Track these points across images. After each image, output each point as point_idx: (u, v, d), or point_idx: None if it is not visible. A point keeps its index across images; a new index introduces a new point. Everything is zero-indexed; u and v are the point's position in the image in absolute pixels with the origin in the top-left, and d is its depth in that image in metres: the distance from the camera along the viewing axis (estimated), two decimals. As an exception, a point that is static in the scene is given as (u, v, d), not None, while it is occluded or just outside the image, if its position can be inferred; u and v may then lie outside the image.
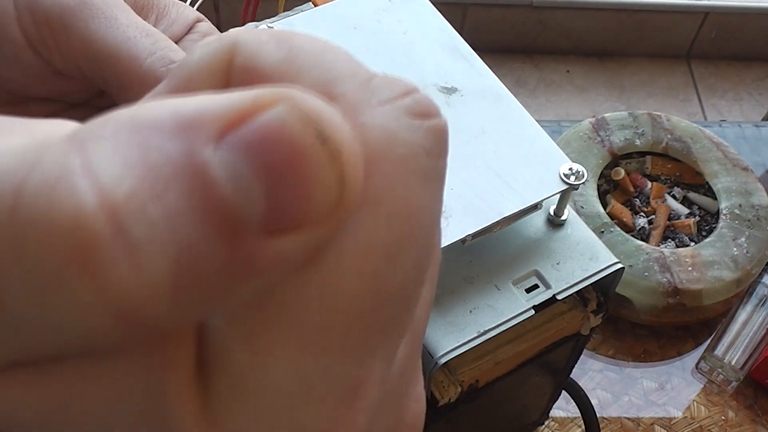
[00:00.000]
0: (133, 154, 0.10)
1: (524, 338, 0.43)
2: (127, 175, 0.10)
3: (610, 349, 0.70)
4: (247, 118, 0.11)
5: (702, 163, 0.75)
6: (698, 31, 1.89)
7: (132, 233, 0.10)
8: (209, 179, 0.10)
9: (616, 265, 0.42)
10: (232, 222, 0.10)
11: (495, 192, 0.39)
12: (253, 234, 0.11)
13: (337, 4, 0.44)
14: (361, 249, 0.12)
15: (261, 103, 0.11)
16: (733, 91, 1.90)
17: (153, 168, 0.10)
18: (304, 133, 0.11)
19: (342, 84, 0.13)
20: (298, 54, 0.13)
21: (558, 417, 0.66)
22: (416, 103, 0.13)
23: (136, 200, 0.10)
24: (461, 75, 0.43)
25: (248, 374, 0.12)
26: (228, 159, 0.10)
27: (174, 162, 0.10)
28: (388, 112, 0.13)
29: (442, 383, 0.41)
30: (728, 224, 0.71)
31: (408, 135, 0.13)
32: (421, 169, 0.13)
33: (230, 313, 0.12)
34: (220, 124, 0.11)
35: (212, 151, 0.10)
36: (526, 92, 1.84)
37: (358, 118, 0.12)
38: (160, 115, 0.11)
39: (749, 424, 0.67)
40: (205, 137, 0.11)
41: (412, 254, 0.12)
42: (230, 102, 0.11)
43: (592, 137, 0.76)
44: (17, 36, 0.25)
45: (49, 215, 0.10)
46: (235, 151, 0.10)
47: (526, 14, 1.84)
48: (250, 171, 0.10)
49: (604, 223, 0.70)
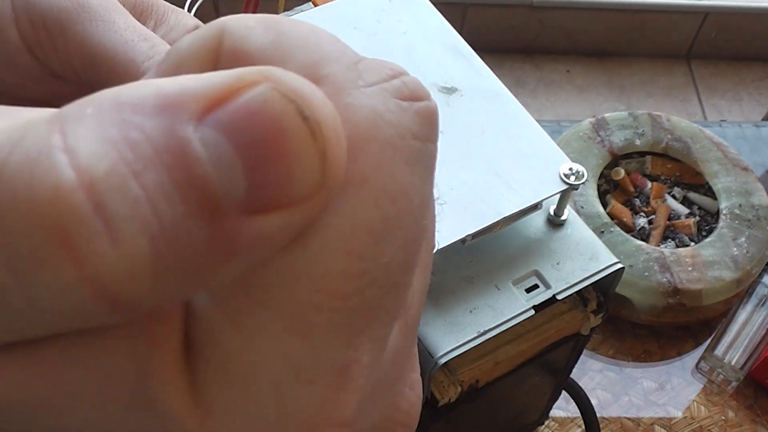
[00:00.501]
0: (113, 132, 0.10)
1: (524, 338, 0.43)
2: (106, 152, 0.10)
3: (610, 349, 0.70)
4: (229, 98, 0.11)
5: (702, 163, 0.75)
6: (698, 31, 1.89)
7: (112, 209, 0.10)
8: (190, 157, 0.10)
9: (616, 265, 0.42)
10: (213, 200, 0.10)
11: (495, 192, 0.39)
12: (234, 213, 0.11)
13: (337, 4, 0.44)
14: (348, 228, 0.12)
15: (243, 82, 0.11)
16: (733, 91, 1.90)
17: (133, 145, 0.10)
18: (285, 111, 0.11)
19: (328, 65, 0.13)
20: (285, 37, 0.13)
21: (558, 417, 0.66)
22: (404, 86, 0.13)
23: (115, 177, 0.10)
24: (461, 75, 0.43)
25: (235, 356, 0.12)
26: (209, 137, 0.10)
27: (154, 140, 0.10)
28: (374, 94, 0.13)
29: (442, 383, 0.41)
30: (728, 224, 0.71)
31: (395, 116, 0.12)
32: (409, 151, 0.13)
33: (217, 293, 0.12)
34: (202, 103, 0.11)
35: (193, 130, 0.10)
36: (526, 92, 1.84)
37: (344, 98, 0.12)
38: (142, 95, 0.11)
39: (749, 424, 0.67)
40: (187, 116, 0.11)
41: (401, 235, 0.12)
42: (212, 81, 0.11)
43: (592, 137, 0.76)
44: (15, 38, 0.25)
45: (29, 191, 0.10)
46: (217, 129, 0.10)
47: (526, 14, 1.84)
48: (231, 149, 0.10)
49: (604, 223, 0.70)
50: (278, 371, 0.12)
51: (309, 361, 0.12)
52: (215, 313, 0.12)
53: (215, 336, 0.12)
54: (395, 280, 0.13)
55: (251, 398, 0.12)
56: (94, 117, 0.10)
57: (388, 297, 0.13)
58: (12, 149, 0.10)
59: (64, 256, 0.10)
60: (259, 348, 0.12)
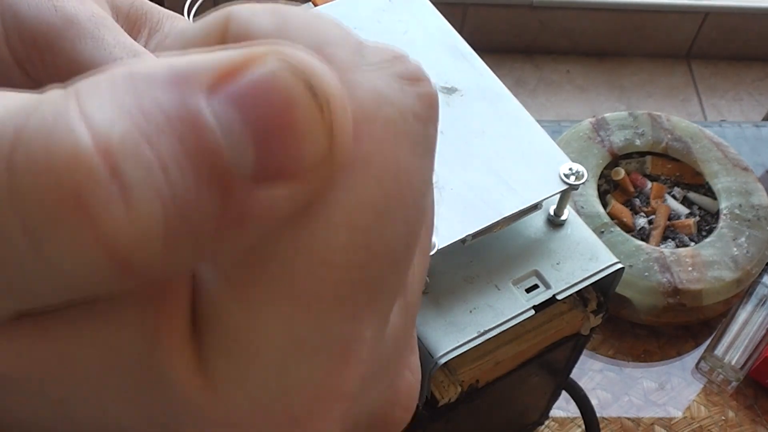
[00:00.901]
0: (127, 101, 0.11)
1: (524, 338, 0.43)
2: (121, 118, 0.10)
3: (610, 349, 0.70)
4: (239, 72, 0.11)
5: (702, 163, 0.75)
6: (698, 31, 1.89)
7: (126, 174, 0.10)
8: (201, 127, 0.11)
9: (616, 265, 0.42)
10: (223, 169, 0.11)
11: (495, 192, 0.39)
12: (243, 182, 0.11)
13: (337, 4, 0.44)
14: (352, 204, 0.12)
15: (252, 57, 0.11)
16: (733, 91, 1.90)
17: (147, 113, 0.11)
18: (294, 84, 0.11)
19: (332, 48, 0.13)
20: (289, 22, 0.13)
21: (558, 417, 0.66)
22: (406, 69, 0.13)
23: (130, 142, 0.10)
24: (461, 75, 0.43)
25: (240, 329, 0.12)
26: (220, 109, 0.11)
27: (167, 109, 0.11)
28: (377, 75, 0.13)
29: (442, 383, 0.41)
30: (728, 224, 0.71)
31: (397, 97, 0.13)
32: (411, 132, 0.13)
33: (223, 267, 0.12)
34: (213, 77, 0.11)
35: (204, 102, 0.11)
36: (526, 92, 1.84)
37: (347, 77, 0.13)
38: (154, 69, 0.11)
39: (749, 424, 0.67)
40: (198, 89, 0.11)
41: (402, 213, 0.13)
42: (222, 57, 0.11)
43: (592, 137, 0.76)
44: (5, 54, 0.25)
45: (46, 155, 0.10)
46: (227, 102, 0.11)
47: (526, 14, 1.84)
48: (240, 121, 0.11)
49: (604, 223, 0.70)
50: (282, 343, 0.12)
51: (312, 334, 0.12)
52: (221, 286, 0.12)
53: (220, 308, 0.12)
54: (397, 257, 0.13)
55: (255, 370, 0.12)
56: (108, 87, 0.11)
57: (390, 273, 0.13)
58: (29, 115, 0.10)
59: (79, 218, 0.10)
60: (264, 320, 0.12)
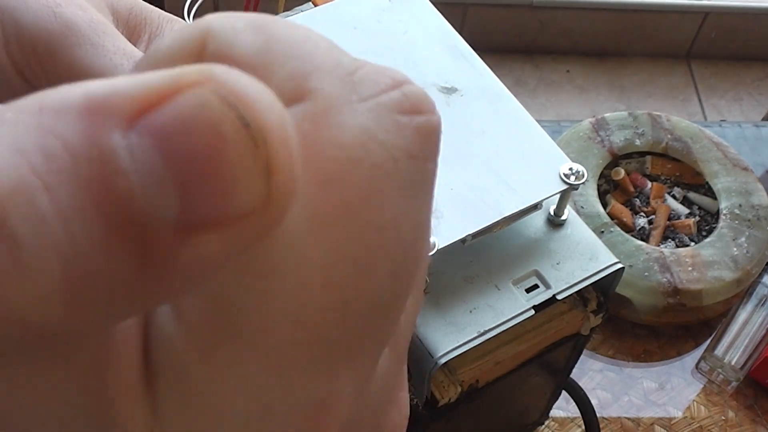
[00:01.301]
0: (28, 140, 0.09)
1: (524, 338, 0.43)
2: (15, 163, 0.09)
3: (610, 349, 0.70)
4: (163, 101, 0.10)
5: (702, 163, 0.75)
6: (698, 31, 1.89)
7: (16, 230, 0.09)
8: (112, 168, 0.09)
9: (616, 265, 0.42)
10: (138, 219, 0.09)
11: (495, 192, 0.39)
12: (164, 233, 0.09)
13: (337, 4, 0.44)
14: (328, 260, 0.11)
15: (181, 83, 0.10)
16: (733, 91, 1.90)
17: (48, 155, 0.09)
18: (224, 118, 0.10)
19: (320, 78, 0.12)
20: (275, 43, 0.12)
21: (558, 417, 0.66)
22: (404, 98, 0.12)
23: (21, 193, 0.09)
24: (461, 75, 0.43)
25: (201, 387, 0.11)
26: (137, 147, 0.09)
27: (73, 148, 0.09)
28: (369, 110, 0.12)
29: (442, 383, 0.41)
30: (728, 224, 0.71)
31: (389, 137, 0.11)
32: (402, 175, 0.12)
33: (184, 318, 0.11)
34: (133, 107, 0.09)
35: (120, 138, 0.09)
36: (526, 92, 1.84)
37: (333, 117, 0.11)
38: (67, 97, 0.10)
39: (749, 424, 0.67)
40: (114, 122, 0.09)
41: (387, 266, 0.11)
42: (147, 82, 0.10)
43: (592, 137, 0.76)
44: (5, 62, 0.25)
45: None
46: (146, 137, 0.09)
47: (526, 14, 1.84)
48: (161, 161, 0.09)
49: (604, 223, 0.70)
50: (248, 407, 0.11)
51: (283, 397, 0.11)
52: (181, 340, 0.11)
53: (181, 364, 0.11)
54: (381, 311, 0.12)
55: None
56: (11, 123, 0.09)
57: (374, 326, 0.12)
58: None
59: None
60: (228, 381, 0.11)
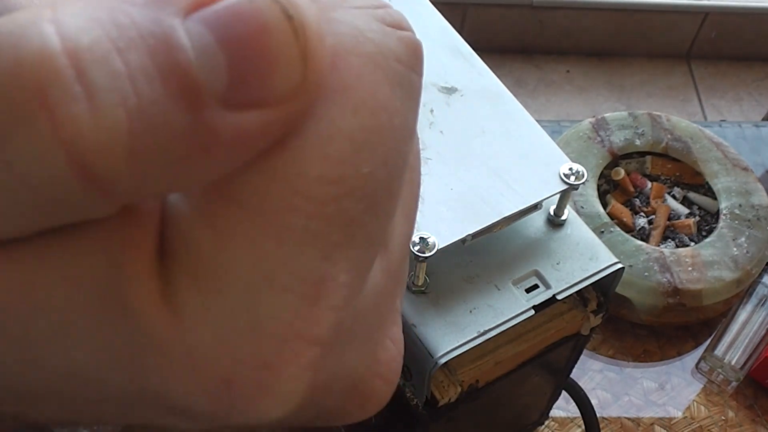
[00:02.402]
0: (102, 13, 0.11)
1: (524, 338, 0.43)
2: (92, 27, 0.10)
3: (610, 349, 0.70)
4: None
5: (702, 163, 0.75)
6: (698, 31, 1.89)
7: (93, 79, 0.10)
8: (173, 44, 0.10)
9: (616, 265, 0.42)
10: (193, 88, 0.10)
11: (495, 192, 0.39)
12: (213, 104, 0.11)
13: (337, 4, 0.44)
14: (326, 133, 0.12)
15: None
16: (733, 91, 1.90)
17: (120, 27, 0.10)
18: (270, 10, 0.11)
19: None
20: None
21: (558, 417, 0.66)
22: (389, 15, 0.13)
23: (99, 50, 0.10)
24: (461, 75, 0.43)
25: (209, 258, 0.12)
26: (194, 31, 0.11)
27: (140, 25, 0.10)
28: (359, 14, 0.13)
29: (442, 383, 0.41)
30: (728, 224, 0.71)
31: (377, 37, 0.13)
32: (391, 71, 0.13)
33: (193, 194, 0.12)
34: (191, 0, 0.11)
35: (179, 22, 0.11)
36: (526, 92, 1.84)
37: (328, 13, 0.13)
38: None
39: (749, 424, 0.67)
40: (175, 10, 0.11)
41: (380, 150, 0.12)
42: None
43: (592, 137, 0.76)
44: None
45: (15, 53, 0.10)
46: (202, 24, 0.11)
47: (526, 14, 1.84)
48: (214, 43, 0.11)
49: (604, 223, 0.70)
50: (251, 276, 0.12)
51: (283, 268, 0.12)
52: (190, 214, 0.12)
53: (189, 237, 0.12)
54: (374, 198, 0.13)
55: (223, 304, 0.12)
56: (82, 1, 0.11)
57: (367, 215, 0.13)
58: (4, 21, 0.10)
59: (42, 116, 0.10)
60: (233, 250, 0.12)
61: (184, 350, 0.12)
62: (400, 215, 0.15)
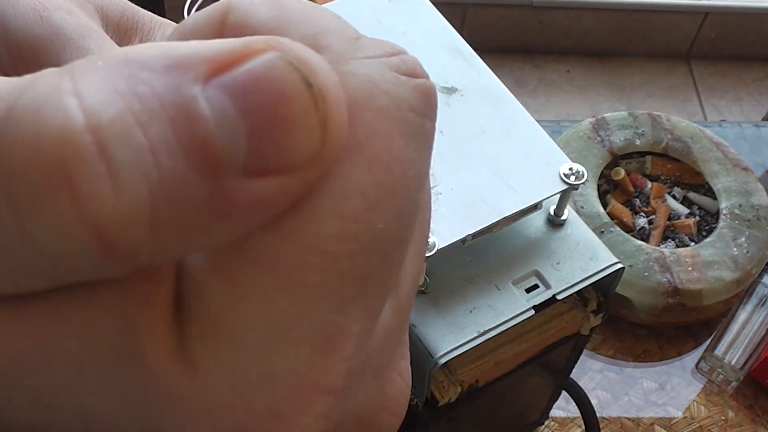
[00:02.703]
0: (122, 83, 0.11)
1: (524, 338, 0.43)
2: (114, 100, 0.10)
3: (610, 349, 0.70)
4: (236, 62, 0.11)
5: (702, 163, 0.75)
6: (698, 31, 1.89)
7: (115, 155, 0.10)
8: (194, 115, 0.11)
9: (616, 265, 0.42)
10: (214, 158, 0.11)
11: (495, 192, 0.39)
12: (233, 173, 0.11)
13: (337, 4, 0.44)
14: (341, 191, 0.12)
15: (250, 49, 0.11)
16: (733, 91, 1.90)
17: (141, 97, 0.10)
18: (290, 77, 0.11)
19: (329, 37, 0.13)
20: (287, 12, 0.13)
21: (558, 417, 0.66)
22: (402, 62, 0.13)
23: (121, 124, 0.10)
24: (461, 75, 0.43)
25: (223, 312, 0.12)
26: (215, 98, 0.11)
27: (161, 95, 0.11)
28: (372, 65, 0.13)
29: (442, 383, 0.41)
30: (728, 224, 0.71)
31: (391, 87, 0.13)
32: (405, 122, 0.13)
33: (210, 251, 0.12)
34: (210, 66, 0.11)
35: (199, 90, 0.11)
36: (526, 92, 1.84)
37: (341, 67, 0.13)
38: (151, 54, 0.11)
39: (749, 424, 0.67)
40: (194, 76, 0.11)
41: (394, 204, 0.13)
42: (221, 46, 0.11)
43: (592, 137, 0.76)
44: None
45: (35, 129, 0.10)
46: (222, 91, 0.11)
47: (526, 14, 1.84)
48: (235, 111, 0.11)
49: (604, 223, 0.70)
50: (265, 330, 0.12)
51: (297, 322, 0.12)
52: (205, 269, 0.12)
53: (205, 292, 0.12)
54: (388, 250, 0.13)
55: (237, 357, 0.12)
56: (103, 69, 0.11)
57: (380, 267, 0.13)
58: (22, 92, 0.10)
59: (65, 195, 0.10)
60: (248, 305, 0.12)
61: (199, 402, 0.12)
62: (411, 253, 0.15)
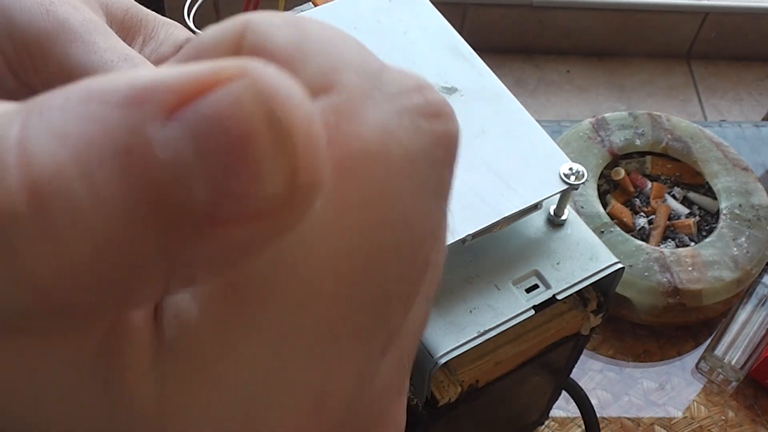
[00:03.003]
0: (74, 126, 0.10)
1: (524, 338, 0.43)
2: (60, 150, 0.10)
3: (610, 349, 0.70)
4: (201, 94, 0.10)
5: (702, 163, 0.75)
6: (698, 31, 1.89)
7: (52, 215, 0.10)
8: (148, 160, 0.10)
9: (616, 265, 0.42)
10: (169, 211, 0.10)
11: (495, 192, 0.39)
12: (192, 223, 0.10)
13: (337, 4, 0.44)
14: (340, 252, 0.11)
15: (219, 77, 0.10)
16: (733, 91, 1.90)
17: (90, 142, 0.10)
18: (254, 115, 0.10)
19: (347, 72, 0.12)
20: (307, 38, 0.12)
21: (558, 417, 0.66)
22: (426, 103, 0.12)
23: (62, 179, 0.10)
24: (461, 75, 0.43)
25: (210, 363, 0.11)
26: (173, 138, 0.10)
27: (114, 137, 0.10)
28: (391, 109, 0.12)
29: (442, 383, 0.41)
30: (728, 224, 0.71)
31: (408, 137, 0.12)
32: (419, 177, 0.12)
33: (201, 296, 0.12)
34: (173, 98, 0.10)
35: (159, 128, 0.10)
36: (526, 92, 1.84)
37: (356, 109, 0.12)
38: (113, 85, 0.10)
39: (749, 424, 0.67)
40: (155, 111, 0.10)
41: (397, 265, 0.12)
42: (187, 75, 0.10)
43: (592, 137, 0.76)
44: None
45: None
46: (183, 129, 0.10)
47: (526, 14, 1.84)
48: (193, 155, 0.10)
49: (604, 223, 0.70)
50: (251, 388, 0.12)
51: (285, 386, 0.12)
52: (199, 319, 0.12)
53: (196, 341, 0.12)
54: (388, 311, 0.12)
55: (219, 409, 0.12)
56: (59, 108, 0.10)
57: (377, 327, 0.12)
58: None
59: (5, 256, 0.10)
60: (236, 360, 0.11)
61: None
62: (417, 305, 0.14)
